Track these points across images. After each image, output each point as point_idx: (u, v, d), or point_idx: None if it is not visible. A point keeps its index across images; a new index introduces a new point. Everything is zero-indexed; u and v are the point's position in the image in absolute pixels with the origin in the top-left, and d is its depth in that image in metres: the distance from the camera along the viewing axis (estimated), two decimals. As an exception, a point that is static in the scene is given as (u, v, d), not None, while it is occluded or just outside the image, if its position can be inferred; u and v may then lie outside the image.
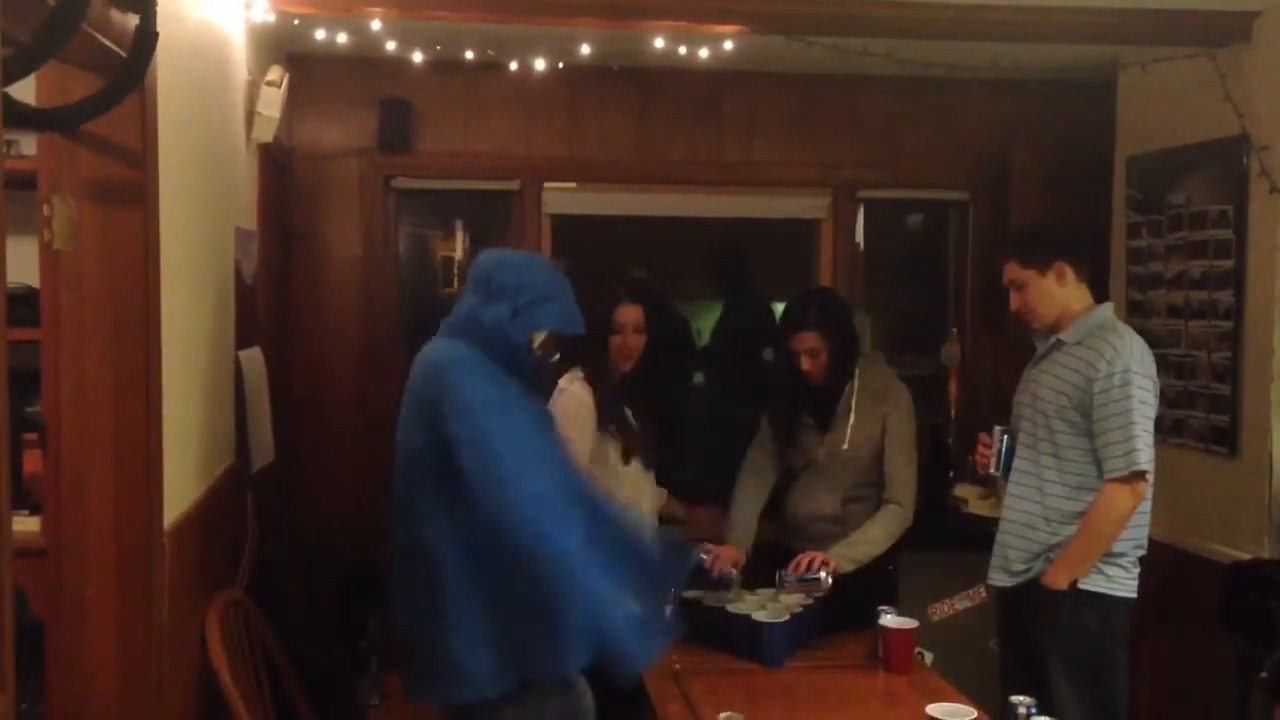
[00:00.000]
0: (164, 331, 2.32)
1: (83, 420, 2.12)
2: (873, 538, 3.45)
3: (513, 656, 2.53)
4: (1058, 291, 3.18)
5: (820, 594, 3.29)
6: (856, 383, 3.53)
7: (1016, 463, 3.26)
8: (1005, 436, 3.30)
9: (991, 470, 3.35)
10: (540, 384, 2.81)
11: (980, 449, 3.37)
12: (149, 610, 2.21)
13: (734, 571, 3.37)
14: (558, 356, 2.79)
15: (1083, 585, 3.09)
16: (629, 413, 3.45)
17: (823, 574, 3.30)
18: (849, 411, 3.52)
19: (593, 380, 3.37)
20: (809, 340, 3.48)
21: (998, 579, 3.26)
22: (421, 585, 2.56)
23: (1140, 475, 3.04)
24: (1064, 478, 3.14)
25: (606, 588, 2.46)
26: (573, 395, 3.34)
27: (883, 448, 3.53)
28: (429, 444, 2.54)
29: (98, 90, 1.96)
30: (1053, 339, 3.21)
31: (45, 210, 2.08)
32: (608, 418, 3.37)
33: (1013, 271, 3.21)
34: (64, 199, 2.09)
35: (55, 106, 1.98)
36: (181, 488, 2.57)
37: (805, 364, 3.49)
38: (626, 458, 3.42)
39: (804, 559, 3.32)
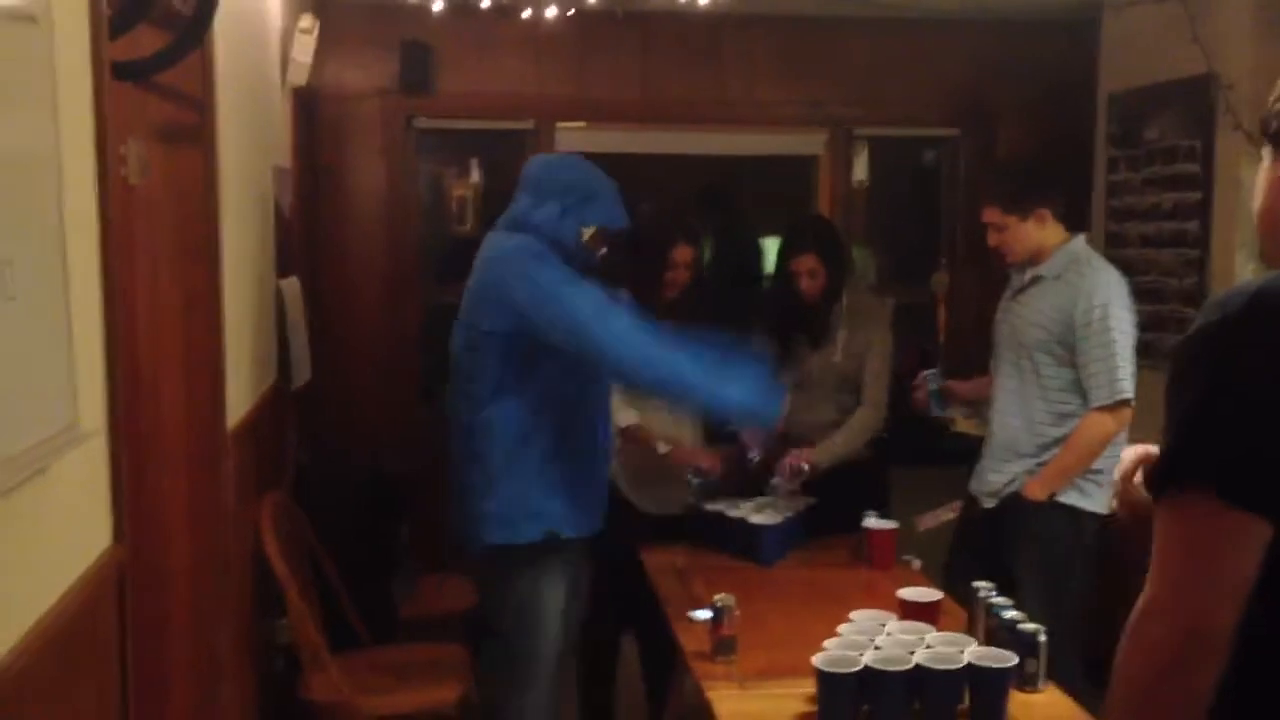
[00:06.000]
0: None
1: (157, 333, 2.42)
2: (845, 437, 3.74)
3: (542, 513, 2.91)
4: (1035, 233, 3.33)
5: (804, 477, 3.62)
6: (845, 302, 3.79)
7: (1002, 389, 3.43)
8: (932, 379, 3.59)
9: (933, 413, 3.63)
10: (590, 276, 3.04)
11: (915, 394, 3.65)
12: (217, 498, 2.54)
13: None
14: (605, 250, 3.02)
15: (1058, 498, 3.28)
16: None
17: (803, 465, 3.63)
18: (840, 327, 3.78)
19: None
20: (809, 261, 3.71)
21: (981, 498, 3.47)
22: (476, 448, 2.92)
23: (1125, 403, 3.20)
24: (1049, 405, 3.31)
25: (713, 371, 2.80)
26: None
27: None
28: (497, 325, 2.85)
29: (167, 45, 2.24)
30: (1030, 274, 3.36)
31: (121, 150, 2.37)
32: None
33: (992, 215, 3.36)
34: (137, 140, 2.37)
35: (130, 59, 2.25)
36: (237, 398, 2.87)
37: (804, 284, 3.72)
38: None
39: (784, 464, 3.62)
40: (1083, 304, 3.22)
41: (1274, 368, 1.24)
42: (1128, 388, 3.20)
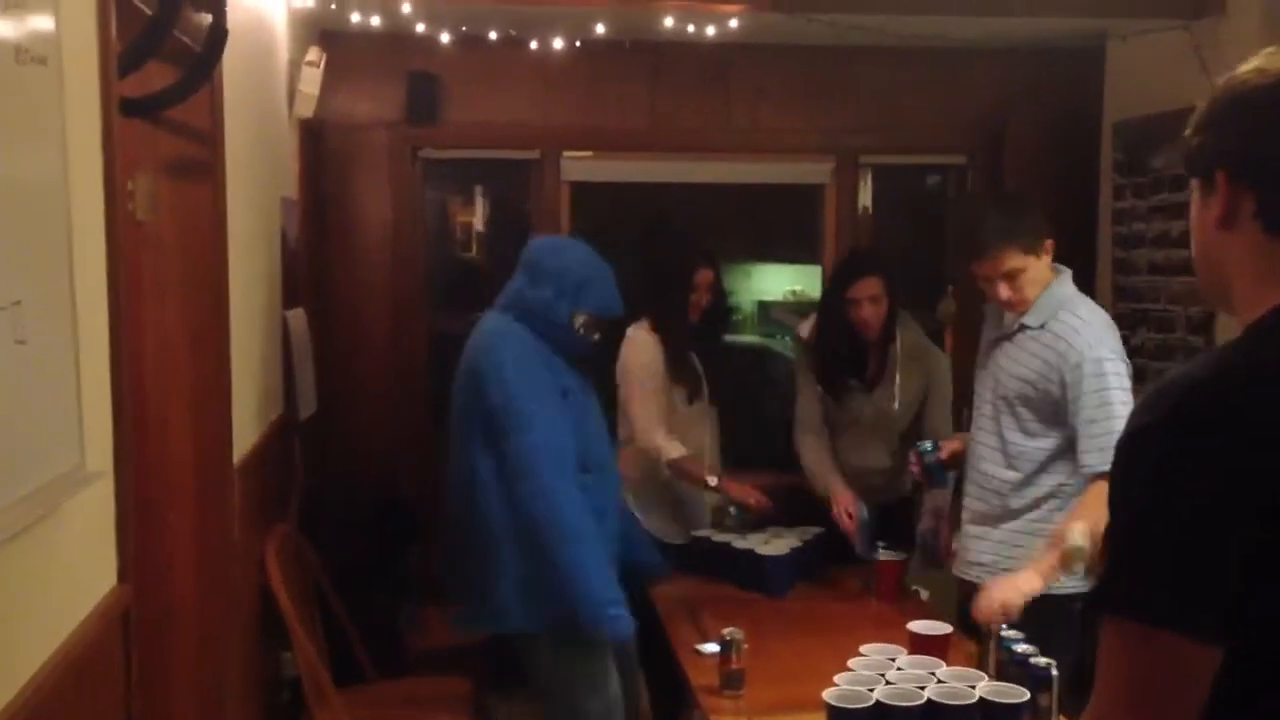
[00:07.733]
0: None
1: (163, 367, 2.42)
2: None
3: (546, 598, 2.86)
4: (1045, 270, 2.95)
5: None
6: (899, 342, 3.69)
7: (980, 446, 3.07)
8: (925, 453, 3.30)
9: (934, 485, 3.42)
10: (583, 357, 3.09)
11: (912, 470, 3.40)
12: (222, 531, 2.53)
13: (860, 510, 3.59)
14: (598, 335, 3.05)
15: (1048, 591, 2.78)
16: (694, 358, 3.74)
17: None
18: (895, 369, 3.68)
19: (657, 330, 3.66)
20: (872, 286, 3.56)
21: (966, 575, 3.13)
22: (471, 532, 2.90)
23: None
24: (1031, 461, 2.97)
25: (592, 563, 2.81)
26: (639, 343, 3.66)
27: (923, 403, 3.74)
28: (476, 410, 2.87)
29: (176, 80, 2.25)
30: (1017, 323, 2.97)
31: (129, 186, 2.37)
32: (675, 364, 3.66)
33: (1013, 260, 2.89)
34: (145, 175, 2.38)
35: (140, 96, 2.26)
36: (244, 430, 2.87)
37: (866, 311, 3.56)
38: (690, 399, 3.72)
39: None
40: (1074, 359, 2.84)
41: (1212, 477, 1.12)
42: None
